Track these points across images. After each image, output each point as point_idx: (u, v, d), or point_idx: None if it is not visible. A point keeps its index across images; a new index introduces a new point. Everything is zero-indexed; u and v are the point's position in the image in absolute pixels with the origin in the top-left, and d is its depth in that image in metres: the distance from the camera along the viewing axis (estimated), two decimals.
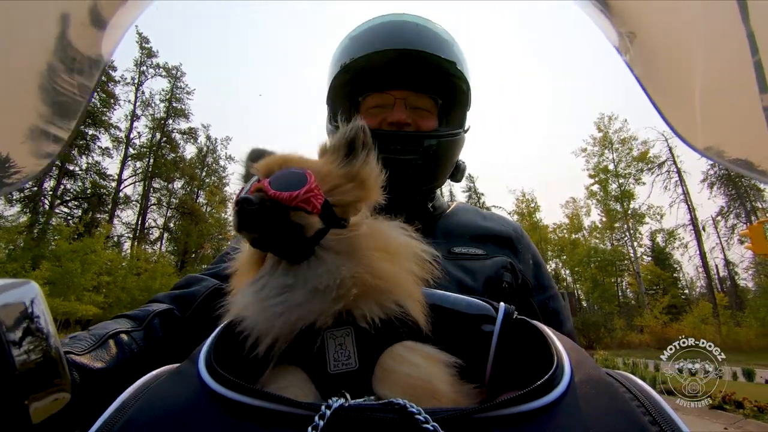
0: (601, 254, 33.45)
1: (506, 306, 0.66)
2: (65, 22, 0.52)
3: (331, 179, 0.63)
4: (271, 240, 0.59)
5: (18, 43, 0.50)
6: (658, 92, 0.54)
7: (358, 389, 0.50)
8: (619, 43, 0.58)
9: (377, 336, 0.57)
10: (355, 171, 0.65)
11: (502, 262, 1.02)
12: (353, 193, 0.64)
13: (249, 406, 0.44)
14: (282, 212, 0.57)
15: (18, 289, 0.46)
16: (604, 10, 0.57)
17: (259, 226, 0.57)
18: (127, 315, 0.88)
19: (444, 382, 0.56)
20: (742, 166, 0.47)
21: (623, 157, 33.00)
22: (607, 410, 0.45)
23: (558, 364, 0.50)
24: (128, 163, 34.90)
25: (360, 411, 0.43)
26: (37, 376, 0.45)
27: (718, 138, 0.51)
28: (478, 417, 0.42)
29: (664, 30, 0.54)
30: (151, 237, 36.40)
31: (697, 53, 0.50)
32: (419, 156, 1.01)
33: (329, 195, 0.61)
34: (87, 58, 0.56)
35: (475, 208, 1.24)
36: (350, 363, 0.55)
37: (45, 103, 0.53)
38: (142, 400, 0.48)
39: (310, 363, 0.56)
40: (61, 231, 21.45)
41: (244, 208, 0.55)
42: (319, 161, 0.67)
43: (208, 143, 41.36)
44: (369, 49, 1.02)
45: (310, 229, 0.58)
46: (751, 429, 6.87)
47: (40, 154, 0.55)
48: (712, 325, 24.03)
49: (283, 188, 0.57)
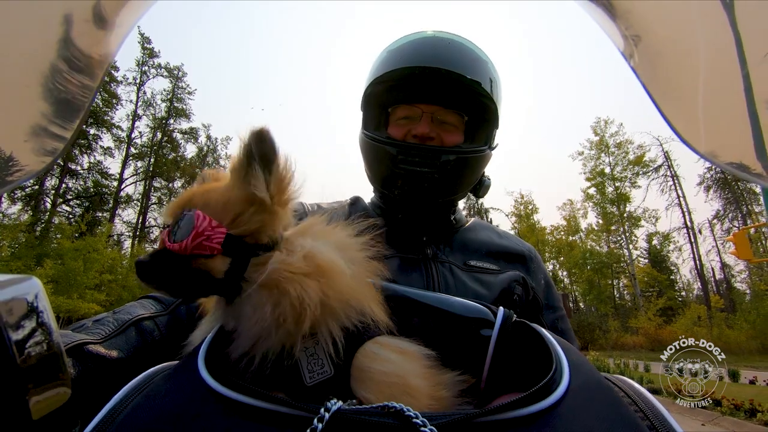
0: (597, 256, 33.74)
1: (505, 310, 0.66)
2: (68, 21, 0.52)
3: (232, 207, 0.58)
4: (179, 290, 0.58)
5: (20, 42, 0.50)
6: (662, 96, 0.54)
7: (337, 395, 0.49)
8: (624, 46, 0.57)
9: (348, 337, 0.57)
10: (251, 192, 0.58)
11: (514, 276, 1.05)
12: (255, 218, 0.58)
13: (248, 405, 0.44)
14: (181, 263, 0.55)
15: (20, 285, 0.47)
16: (608, 12, 0.57)
17: (158, 280, 0.56)
18: (155, 297, 0.88)
19: (419, 377, 0.56)
20: (744, 171, 0.46)
21: (619, 160, 33.29)
22: (605, 414, 0.45)
23: (556, 368, 0.50)
24: (129, 162, 35.15)
25: (358, 414, 0.43)
26: (39, 372, 0.45)
27: (721, 143, 0.50)
28: (476, 422, 0.43)
29: (668, 33, 0.53)
30: (152, 236, 36.68)
31: (702, 57, 0.49)
32: (436, 170, 1.03)
33: (234, 226, 0.57)
34: (90, 58, 0.55)
35: (492, 226, 1.29)
36: (325, 371, 0.55)
37: (48, 102, 0.53)
38: (140, 397, 0.48)
39: (285, 381, 0.55)
40: (63, 229, 21.69)
41: (139, 265, 0.56)
42: (221, 188, 0.61)
43: (209, 143, 41.65)
44: (401, 63, 1.06)
45: (217, 272, 0.55)
46: (726, 425, 7.25)
47: (42, 153, 0.54)
48: (704, 328, 24.33)
49: (179, 237, 0.55)
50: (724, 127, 0.50)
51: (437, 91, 1.08)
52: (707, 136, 0.51)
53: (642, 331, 26.18)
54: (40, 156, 0.54)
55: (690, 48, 0.51)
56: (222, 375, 0.48)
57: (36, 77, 0.52)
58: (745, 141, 0.45)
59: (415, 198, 1.07)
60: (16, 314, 0.45)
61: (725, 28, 0.45)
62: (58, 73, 0.53)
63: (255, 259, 0.57)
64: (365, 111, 1.19)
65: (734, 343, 21.42)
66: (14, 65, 0.50)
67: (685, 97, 0.53)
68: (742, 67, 0.44)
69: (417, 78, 1.06)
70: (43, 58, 0.52)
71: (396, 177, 1.05)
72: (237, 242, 0.56)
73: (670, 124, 0.52)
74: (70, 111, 0.56)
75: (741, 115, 0.45)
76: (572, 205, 37.53)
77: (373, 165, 1.13)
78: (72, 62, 0.54)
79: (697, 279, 33.71)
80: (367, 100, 1.16)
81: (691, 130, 0.51)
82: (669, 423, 0.46)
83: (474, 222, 1.26)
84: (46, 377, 0.46)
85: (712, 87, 0.49)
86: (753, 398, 7.75)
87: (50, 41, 0.51)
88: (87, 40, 0.55)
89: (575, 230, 36.73)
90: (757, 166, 0.45)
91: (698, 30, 0.49)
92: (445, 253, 1.09)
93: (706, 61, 0.49)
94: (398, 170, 1.04)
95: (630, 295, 34.98)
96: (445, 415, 0.43)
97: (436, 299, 0.67)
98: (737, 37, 0.44)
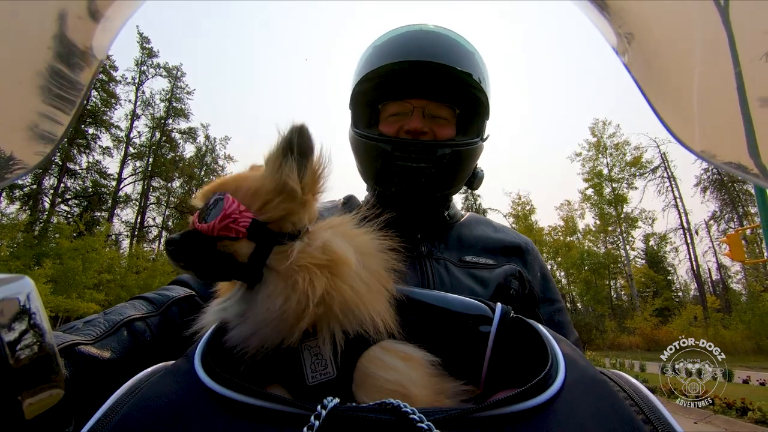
0: (594, 257, 33.86)
1: (503, 306, 0.66)
2: (61, 15, 0.52)
3: (261, 195, 0.60)
4: (205, 271, 0.59)
5: (12, 37, 0.49)
6: (656, 94, 0.54)
7: (339, 397, 0.48)
8: (617, 44, 0.57)
9: (353, 340, 0.56)
10: (282, 183, 0.61)
11: (510, 270, 1.04)
12: (282, 206, 0.60)
13: (244, 404, 0.44)
14: (207, 244, 0.57)
15: (12, 284, 0.46)
16: (602, 10, 0.56)
17: (185, 259, 0.58)
18: (146, 297, 0.87)
19: (421, 386, 0.56)
20: (738, 169, 0.46)
21: (617, 161, 33.43)
22: (601, 409, 0.45)
23: (552, 363, 0.50)
24: (128, 162, 35.06)
25: (355, 411, 0.43)
26: (31, 372, 0.44)
27: (715, 141, 0.50)
28: (472, 417, 0.43)
29: (662, 31, 0.53)
30: (150, 236, 36.65)
31: (696, 56, 0.49)
32: (432, 164, 1.02)
33: (261, 212, 0.59)
34: (83, 53, 0.55)
35: (488, 220, 1.26)
36: (328, 372, 0.55)
37: (41, 98, 0.53)
38: (136, 397, 0.48)
39: (288, 378, 0.55)
40: (62, 229, 21.68)
41: (169, 243, 0.59)
42: (254, 177, 0.64)
43: (207, 143, 41.62)
44: (389, 59, 1.04)
45: (241, 255, 0.57)
46: (718, 423, 7.39)
47: (35, 150, 0.54)
48: (700, 328, 24.47)
49: (206, 219, 0.58)
50: (717, 125, 0.50)
51: (427, 86, 1.07)
52: (701, 135, 0.51)
53: (638, 331, 26.30)
54: (34, 152, 0.54)
55: (684, 47, 0.51)
56: (218, 374, 0.48)
57: (29, 73, 0.52)
58: (738, 140, 0.46)
59: (412, 194, 1.06)
60: (8, 314, 0.44)
61: (719, 26, 0.45)
62: (51, 68, 0.52)
63: (278, 247, 0.59)
64: (354, 109, 1.17)
65: (729, 344, 21.54)
66: (7, 61, 0.50)
67: (679, 96, 0.53)
68: (735, 65, 0.44)
69: (406, 73, 1.05)
70: (37, 54, 0.51)
71: (392, 174, 1.04)
72: (262, 228, 0.58)
73: (663, 122, 0.52)
74: (63, 107, 0.55)
75: (734, 114, 0.45)
76: (570, 206, 37.70)
77: (367, 163, 1.12)
78: (65, 58, 0.53)
79: (694, 280, 33.90)
80: (355, 98, 1.15)
81: (685, 128, 0.51)
82: (664, 417, 0.46)
83: (469, 217, 1.23)
84: (39, 378, 0.46)
85: (706, 86, 0.49)
86: (745, 397, 7.88)
87: (44, 37, 0.51)
88: (80, 34, 0.54)
89: (573, 231, 36.84)
90: (750, 164, 0.45)
91: (692, 29, 0.49)
92: (440, 250, 1.08)
93: (700, 60, 0.49)
94: (394, 167, 1.03)
95: (627, 296, 35.14)
96: (441, 411, 0.44)
97: (433, 297, 0.67)
98: (730, 36, 0.45)
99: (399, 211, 1.09)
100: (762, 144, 0.44)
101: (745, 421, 7.28)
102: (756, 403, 7.59)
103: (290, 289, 0.55)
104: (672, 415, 0.46)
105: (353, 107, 1.17)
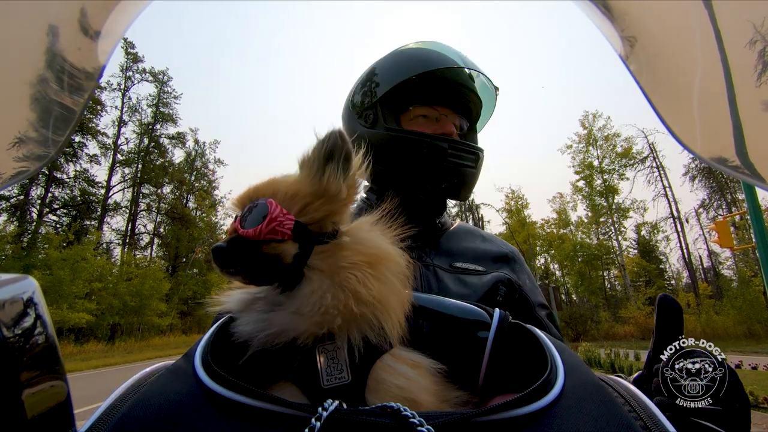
0: (587, 248, 34.15)
1: (501, 311, 0.66)
2: (55, 34, 0.52)
3: (301, 198, 0.62)
4: (253, 275, 0.60)
5: (8, 54, 0.50)
6: (658, 95, 0.54)
7: (351, 402, 0.49)
8: (621, 46, 0.58)
9: (369, 346, 0.57)
10: (323, 186, 0.62)
11: (499, 277, 1.05)
12: (323, 208, 0.62)
13: (245, 405, 0.44)
14: (254, 248, 0.58)
15: (17, 284, 0.47)
16: (605, 12, 0.57)
17: (235, 265, 0.58)
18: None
19: (429, 393, 0.57)
20: (739, 171, 0.47)
21: (607, 153, 33.74)
22: (600, 414, 0.45)
23: (551, 369, 0.51)
24: (116, 169, 34.81)
25: (356, 414, 0.44)
26: (34, 373, 0.45)
27: (717, 142, 0.51)
28: (472, 422, 0.43)
29: (664, 34, 0.54)
30: (141, 243, 36.29)
31: (698, 57, 0.50)
32: (475, 166, 1.12)
33: (302, 215, 0.61)
34: (78, 70, 0.56)
35: (476, 230, 1.29)
36: (343, 377, 0.55)
37: (38, 114, 0.53)
38: (136, 397, 0.48)
39: (302, 379, 0.56)
40: (50, 239, 21.40)
41: (217, 251, 0.59)
42: (291, 180, 0.65)
43: (197, 147, 41.34)
44: (447, 63, 1.11)
45: (287, 256, 0.58)
46: None
47: (27, 161, 0.55)
48: (693, 315, 24.78)
49: (250, 224, 0.58)
50: (720, 127, 0.50)
51: (453, 96, 1.17)
52: (703, 136, 0.51)
53: (632, 320, 26.58)
54: (23, 164, 0.55)
55: (686, 49, 0.52)
56: (219, 374, 0.47)
57: (24, 89, 0.52)
58: (734, 138, 0.46)
59: (458, 193, 1.13)
60: (13, 314, 0.45)
61: (710, 27, 0.46)
62: (47, 85, 0.53)
63: (318, 247, 0.60)
64: (383, 108, 1.15)
65: (721, 329, 21.85)
66: (0, 74, 0.51)
67: (681, 97, 0.54)
68: (723, 65, 0.45)
69: (439, 81, 1.14)
70: (31, 70, 0.52)
71: (445, 171, 1.08)
72: (304, 229, 0.60)
73: (664, 122, 0.53)
74: (60, 122, 0.56)
75: (730, 113, 0.45)
76: (562, 198, 37.98)
77: (414, 161, 1.09)
78: (60, 74, 0.54)
79: (686, 267, 34.34)
80: (387, 98, 1.14)
81: (687, 129, 0.52)
82: (662, 423, 0.47)
83: (458, 227, 1.25)
84: (42, 377, 0.47)
85: (708, 87, 0.49)
86: None
87: (36, 53, 0.52)
88: (75, 52, 0.55)
89: (566, 223, 37.13)
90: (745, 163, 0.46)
91: (692, 30, 0.50)
92: (430, 256, 1.09)
93: (701, 61, 0.50)
94: (448, 164, 1.07)
95: (620, 286, 35.53)
96: (441, 415, 0.43)
97: (430, 301, 0.68)
98: (717, 35, 0.45)
99: (409, 215, 1.12)
100: (750, 142, 0.45)
101: None
102: (748, 387, 7.67)
103: (338, 287, 0.57)
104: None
105: (385, 106, 1.15)
